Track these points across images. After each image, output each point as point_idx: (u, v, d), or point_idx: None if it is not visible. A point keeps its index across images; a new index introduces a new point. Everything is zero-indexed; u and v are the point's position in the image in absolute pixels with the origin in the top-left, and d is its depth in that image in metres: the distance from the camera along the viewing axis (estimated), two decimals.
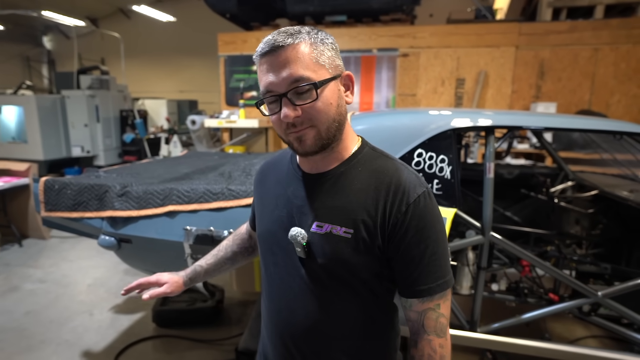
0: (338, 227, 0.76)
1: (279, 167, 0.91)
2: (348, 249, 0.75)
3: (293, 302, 0.83)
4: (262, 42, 0.74)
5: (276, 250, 0.85)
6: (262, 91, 0.74)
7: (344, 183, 0.78)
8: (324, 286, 0.79)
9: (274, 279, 0.86)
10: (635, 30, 4.05)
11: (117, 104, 7.10)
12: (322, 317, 0.80)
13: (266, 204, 0.89)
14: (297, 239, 0.77)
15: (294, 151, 0.80)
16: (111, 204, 1.87)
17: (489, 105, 4.55)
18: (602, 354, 1.58)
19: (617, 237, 2.33)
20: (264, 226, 0.89)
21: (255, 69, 4.79)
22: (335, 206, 0.77)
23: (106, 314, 2.83)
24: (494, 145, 1.62)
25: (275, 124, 0.76)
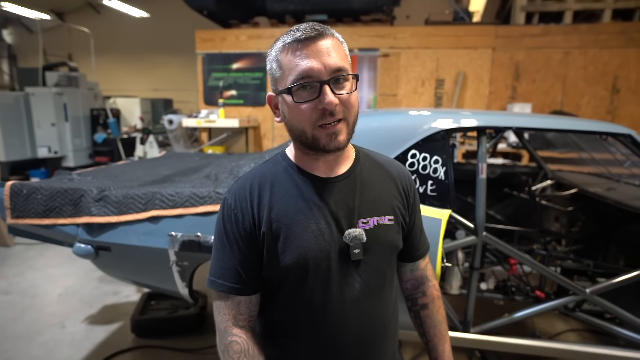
0: (382, 218, 0.82)
1: (278, 183, 0.80)
2: (395, 234, 0.84)
3: (359, 312, 0.80)
4: (292, 30, 0.72)
5: (324, 267, 0.77)
6: (294, 77, 0.70)
7: (366, 178, 0.83)
8: (383, 280, 0.83)
9: (327, 301, 0.78)
10: (602, 36, 4.24)
11: (88, 102, 6.77)
12: (387, 312, 0.85)
13: (291, 226, 0.76)
14: (361, 237, 0.77)
15: (317, 148, 0.74)
16: (88, 209, 1.75)
17: (468, 105, 4.64)
18: (591, 350, 1.62)
19: (595, 233, 2.42)
20: (297, 251, 0.76)
21: (235, 67, 4.67)
22: (370, 200, 0.81)
23: (80, 325, 2.67)
24: (486, 145, 1.62)
25: (304, 114, 0.71)
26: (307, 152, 0.78)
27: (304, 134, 0.73)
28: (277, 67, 0.74)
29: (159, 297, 2.83)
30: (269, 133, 5.13)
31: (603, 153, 2.54)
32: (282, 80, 0.73)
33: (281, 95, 0.75)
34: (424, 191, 1.55)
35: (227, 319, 0.79)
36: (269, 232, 0.76)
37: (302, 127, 0.73)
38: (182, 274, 1.73)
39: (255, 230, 0.77)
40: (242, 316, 0.80)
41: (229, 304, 0.79)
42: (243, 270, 0.78)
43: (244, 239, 0.77)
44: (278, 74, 0.74)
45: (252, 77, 5.06)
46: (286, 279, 0.78)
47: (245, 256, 0.78)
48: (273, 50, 0.75)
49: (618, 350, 1.61)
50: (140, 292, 3.07)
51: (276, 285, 0.79)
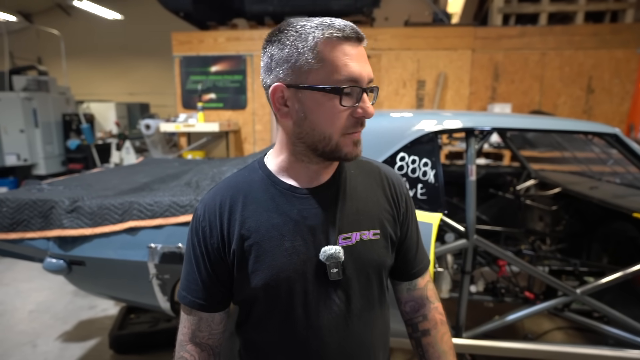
0: (366, 232, 0.74)
1: (252, 195, 0.72)
2: (381, 250, 0.76)
3: (338, 337, 0.72)
4: (336, 24, 0.63)
5: (298, 289, 0.70)
6: (344, 78, 0.63)
7: (351, 187, 0.76)
8: (368, 301, 0.76)
9: (302, 325, 0.71)
10: (576, 37, 4.36)
11: (59, 107, 6.49)
12: (374, 337, 0.78)
13: (263, 243, 0.69)
14: (337, 256, 0.69)
15: (333, 157, 0.68)
16: (59, 221, 1.63)
17: (449, 106, 4.67)
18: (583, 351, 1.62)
19: (578, 232, 2.45)
20: (268, 271, 0.69)
21: (213, 70, 4.55)
22: (353, 212, 0.74)
23: (53, 343, 2.52)
24: (475, 146, 1.60)
25: (340, 120, 0.65)
26: (303, 160, 0.70)
27: (327, 140, 0.66)
28: (314, 57, 0.62)
29: (138, 310, 2.70)
30: (250, 137, 5.03)
31: (584, 152, 2.59)
32: (317, 74, 0.63)
33: (303, 91, 0.64)
34: (413, 195, 1.51)
35: (185, 332, 0.76)
36: (239, 250, 0.70)
37: (330, 133, 0.65)
38: (163, 288, 1.63)
39: (225, 247, 0.71)
40: (201, 333, 0.75)
41: (190, 319, 0.75)
42: (206, 287, 0.73)
43: (211, 256, 0.71)
44: (312, 65, 0.62)
45: (231, 80, 4.95)
46: (257, 301, 0.72)
47: (210, 274, 0.72)
48: (308, 36, 0.63)
49: (608, 349, 1.62)
50: (118, 306, 2.93)
51: (249, 305, 0.74)
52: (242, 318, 0.77)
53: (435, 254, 1.62)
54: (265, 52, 0.68)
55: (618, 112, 4.40)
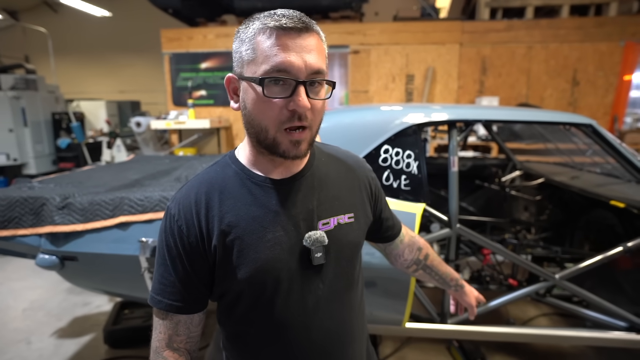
0: (342, 216, 0.77)
1: (228, 190, 0.72)
2: (356, 232, 0.80)
3: (322, 319, 0.75)
4: (277, 14, 0.64)
5: (283, 278, 0.72)
6: (269, 67, 0.62)
7: (324, 175, 0.79)
8: (347, 282, 0.80)
9: (289, 312, 0.73)
10: (561, 31, 4.43)
11: (48, 106, 6.43)
12: (352, 315, 0.81)
13: (245, 237, 0.70)
14: (322, 239, 0.72)
15: (274, 152, 0.68)
16: (50, 218, 1.65)
17: (438, 100, 4.73)
18: (562, 333, 1.69)
19: (562, 221, 2.52)
20: (253, 264, 0.70)
21: (204, 67, 4.56)
22: (329, 198, 0.77)
23: (47, 340, 2.54)
24: (457, 138, 1.65)
25: (272, 111, 0.64)
26: (262, 152, 0.71)
27: (265, 133, 0.66)
28: (251, 49, 0.65)
29: (132, 305, 2.73)
30: (242, 133, 5.02)
31: (567, 143, 2.65)
32: (252, 65, 0.65)
33: (246, 82, 0.66)
34: (397, 186, 1.56)
35: (161, 338, 0.73)
36: (221, 245, 0.69)
37: (265, 125, 0.66)
38: None
39: (204, 244, 0.70)
40: (178, 337, 0.73)
41: (167, 323, 0.72)
42: (185, 287, 0.71)
43: (189, 254, 0.70)
44: (249, 57, 0.65)
45: (221, 77, 4.95)
46: (242, 294, 0.72)
47: (189, 272, 0.70)
48: (248, 29, 0.66)
49: (586, 331, 1.69)
50: (112, 302, 2.95)
51: (233, 300, 0.74)
52: (224, 314, 0.77)
53: None
54: None
55: (602, 104, 4.49)
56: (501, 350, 2.31)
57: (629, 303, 1.79)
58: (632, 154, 1.63)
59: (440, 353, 2.33)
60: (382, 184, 1.56)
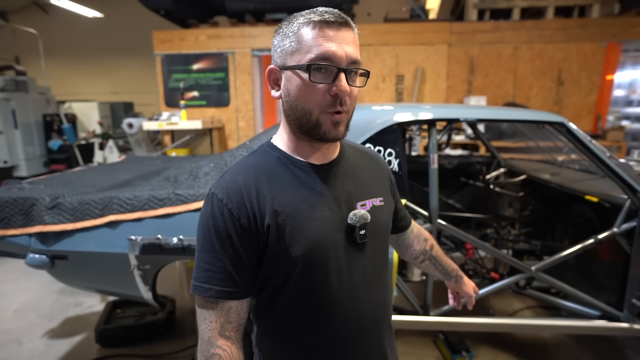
0: (375, 199, 0.84)
1: (274, 174, 0.76)
2: (387, 214, 0.87)
3: (368, 296, 0.81)
4: (320, 10, 0.71)
5: (332, 255, 0.76)
6: (314, 56, 0.68)
7: (355, 163, 0.85)
8: (383, 260, 0.87)
9: (339, 288, 0.77)
10: (546, 31, 4.52)
11: (39, 107, 6.43)
12: (388, 291, 0.88)
13: (296, 216, 0.73)
14: (366, 217, 0.78)
15: (315, 135, 0.73)
16: (40, 218, 1.69)
17: (427, 99, 4.80)
18: (538, 322, 1.76)
19: (544, 216, 2.59)
20: (305, 241, 0.73)
21: (195, 68, 4.59)
22: (362, 183, 0.84)
23: (39, 341, 2.56)
24: (436, 137, 1.71)
25: (316, 95, 0.70)
26: (302, 138, 0.76)
27: (308, 116, 0.72)
28: (296, 40, 0.70)
29: (124, 305, 2.76)
30: (234, 134, 5.09)
31: (549, 141, 2.73)
32: (296, 55, 0.70)
33: (289, 71, 0.72)
34: None
35: (212, 328, 0.73)
36: (274, 224, 0.72)
37: (310, 108, 0.71)
38: (144, 278, 1.71)
39: (257, 224, 0.72)
40: (230, 324, 0.74)
41: (217, 312, 0.73)
42: (236, 270, 0.72)
43: (240, 236, 0.71)
44: (293, 47, 0.70)
45: (213, 78, 4.99)
46: (293, 272, 0.74)
47: (240, 255, 0.72)
48: (292, 24, 0.71)
49: (561, 320, 1.76)
50: (104, 302, 2.98)
51: (280, 282, 0.75)
52: (267, 303, 0.78)
53: None
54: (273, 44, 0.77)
55: (586, 103, 4.59)
56: (486, 342, 2.38)
57: (603, 293, 1.86)
58: (601, 150, 1.70)
59: (427, 346, 2.39)
60: None
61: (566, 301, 1.85)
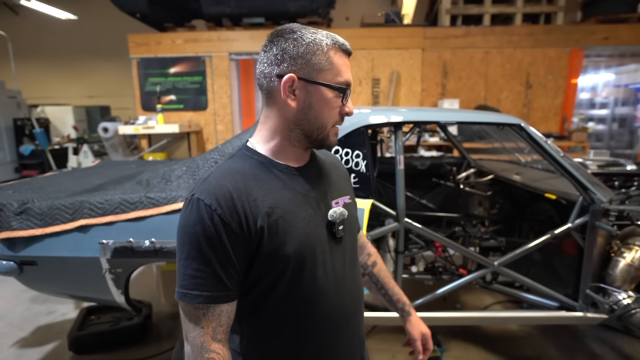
0: (346, 197, 0.92)
1: (259, 177, 0.79)
2: (355, 211, 0.95)
3: (348, 285, 0.88)
4: (339, 38, 0.80)
5: (319, 250, 0.81)
6: (344, 80, 0.79)
7: (324, 165, 0.93)
8: (354, 251, 0.94)
9: (326, 280, 0.82)
10: (514, 37, 4.71)
11: (9, 111, 6.25)
12: (361, 281, 0.96)
13: (286, 216, 0.77)
14: (344, 213, 0.85)
15: (321, 144, 0.83)
16: (7, 223, 1.67)
17: (403, 102, 4.92)
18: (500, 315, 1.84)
19: (511, 214, 2.71)
20: (296, 239, 0.77)
21: (172, 71, 4.55)
22: (333, 182, 0.91)
23: (8, 351, 2.50)
24: (402, 139, 1.78)
25: (334, 112, 0.80)
26: (296, 145, 0.83)
27: (323, 129, 0.81)
28: (326, 60, 0.77)
29: (99, 311, 2.72)
30: (212, 137, 5.08)
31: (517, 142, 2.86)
32: (327, 74, 0.77)
33: (316, 85, 0.77)
34: None
35: (204, 333, 0.73)
36: (267, 226, 0.74)
37: (326, 122, 0.80)
38: (116, 282, 1.71)
39: (249, 228, 0.73)
40: (221, 328, 0.74)
41: (209, 317, 0.73)
42: (227, 274, 0.73)
43: (232, 241, 0.72)
44: (325, 66, 0.77)
45: (191, 82, 4.97)
46: (285, 271, 0.77)
47: (231, 259, 0.73)
48: (321, 42, 0.77)
49: (523, 312, 1.85)
50: (78, 309, 2.93)
51: (272, 282, 0.78)
52: (256, 304, 0.80)
53: (372, 236, 1.79)
54: (274, 46, 0.78)
55: (553, 106, 4.80)
56: (457, 337, 2.47)
57: (563, 286, 1.97)
58: (555, 150, 1.81)
59: (401, 342, 2.44)
60: None
61: (529, 294, 1.95)
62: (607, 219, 1.80)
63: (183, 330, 0.75)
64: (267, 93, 0.81)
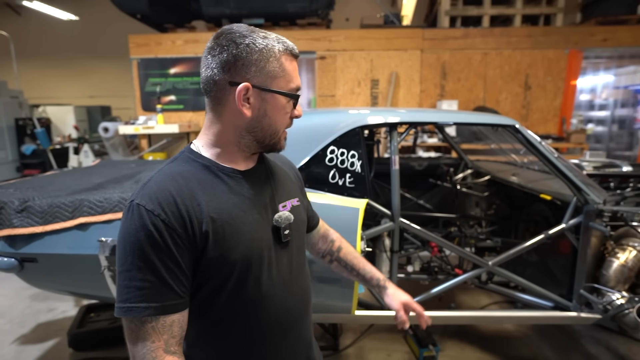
0: (293, 200, 0.92)
1: (204, 181, 0.76)
2: (303, 213, 0.96)
3: (294, 289, 0.88)
4: (286, 40, 0.79)
5: (265, 254, 0.81)
6: (296, 86, 0.80)
7: (271, 167, 0.91)
8: (304, 255, 0.94)
9: (272, 284, 0.82)
10: (513, 38, 4.73)
11: (11, 111, 6.29)
12: (309, 282, 0.96)
13: (231, 221, 0.76)
14: (290, 218, 0.85)
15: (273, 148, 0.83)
16: (9, 221, 1.69)
17: (402, 103, 4.94)
18: (495, 314, 1.86)
19: (508, 214, 2.73)
20: (242, 245, 0.76)
21: (172, 72, 4.59)
22: (281, 185, 0.91)
23: (9, 347, 2.52)
24: (397, 139, 1.80)
25: (285, 117, 0.81)
26: (245, 150, 0.82)
27: (276, 134, 0.81)
28: (279, 67, 0.77)
29: (99, 309, 2.75)
30: None
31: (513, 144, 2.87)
32: (280, 81, 0.77)
33: (268, 93, 0.77)
34: (342, 183, 1.69)
35: (156, 347, 0.68)
36: (212, 231, 0.72)
37: (278, 128, 0.81)
38: (114, 279, 1.73)
39: (194, 232, 0.71)
40: (174, 339, 0.71)
41: (159, 329, 0.69)
42: (176, 282, 0.70)
43: (178, 245, 0.70)
44: (278, 74, 0.76)
45: (191, 82, 5.00)
46: (230, 276, 0.76)
47: (179, 265, 0.70)
48: (273, 48, 0.76)
49: (517, 311, 1.87)
50: (78, 307, 2.95)
51: (218, 285, 0.76)
52: (203, 306, 0.78)
53: (368, 235, 1.81)
54: (225, 51, 0.74)
55: (552, 107, 4.81)
56: (453, 337, 2.49)
57: (557, 286, 1.99)
58: (549, 151, 1.83)
59: (397, 341, 2.47)
60: (329, 181, 1.69)
61: (524, 294, 1.97)
62: (601, 219, 1.82)
63: (129, 349, 0.70)
64: (216, 99, 0.77)
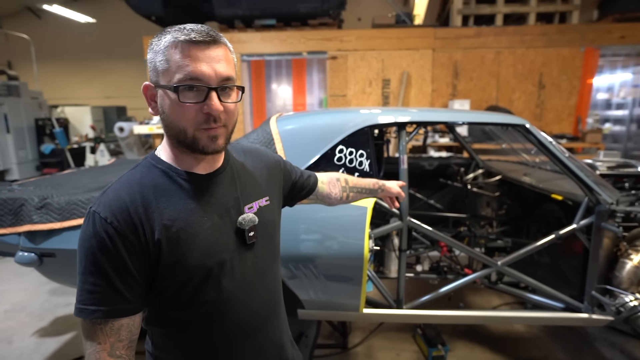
0: (261, 200, 0.90)
1: (160, 188, 0.76)
2: (273, 212, 0.93)
3: (260, 291, 0.87)
4: (187, 29, 0.71)
5: (226, 259, 0.80)
6: (182, 77, 0.70)
7: (240, 167, 0.90)
8: (272, 256, 0.93)
9: (233, 287, 0.81)
10: (527, 37, 4.66)
11: (31, 112, 6.48)
12: (278, 285, 0.95)
13: (187, 228, 0.75)
14: (254, 220, 0.84)
15: (195, 149, 0.75)
16: (29, 217, 1.76)
17: (413, 103, 4.92)
18: (504, 314, 1.85)
19: (519, 214, 2.70)
20: (199, 250, 0.76)
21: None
22: (248, 186, 0.89)
23: (29, 339, 2.62)
24: (406, 139, 1.81)
25: (188, 114, 0.72)
26: (185, 151, 0.77)
27: (184, 133, 0.74)
28: (164, 60, 0.72)
29: None
30: None
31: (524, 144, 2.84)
32: (166, 75, 0.72)
33: (162, 89, 0.73)
34: None
35: (100, 350, 0.70)
36: (165, 239, 0.73)
37: (183, 126, 0.73)
38: None
39: (146, 240, 0.72)
40: (121, 343, 0.71)
41: (107, 332, 0.70)
42: (126, 287, 0.71)
43: (130, 252, 0.71)
44: (163, 67, 0.72)
45: None
46: (190, 281, 0.76)
47: (130, 271, 0.71)
48: (161, 42, 0.72)
49: (527, 312, 1.86)
50: None
51: (177, 290, 0.76)
52: (164, 310, 0.79)
53: (376, 234, 1.82)
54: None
55: (567, 106, 4.73)
56: (462, 337, 2.48)
57: (569, 287, 1.97)
58: (560, 151, 1.81)
59: (406, 340, 2.48)
60: None
61: (534, 295, 1.95)
62: (613, 220, 1.79)
63: (83, 347, 0.73)
64: None
